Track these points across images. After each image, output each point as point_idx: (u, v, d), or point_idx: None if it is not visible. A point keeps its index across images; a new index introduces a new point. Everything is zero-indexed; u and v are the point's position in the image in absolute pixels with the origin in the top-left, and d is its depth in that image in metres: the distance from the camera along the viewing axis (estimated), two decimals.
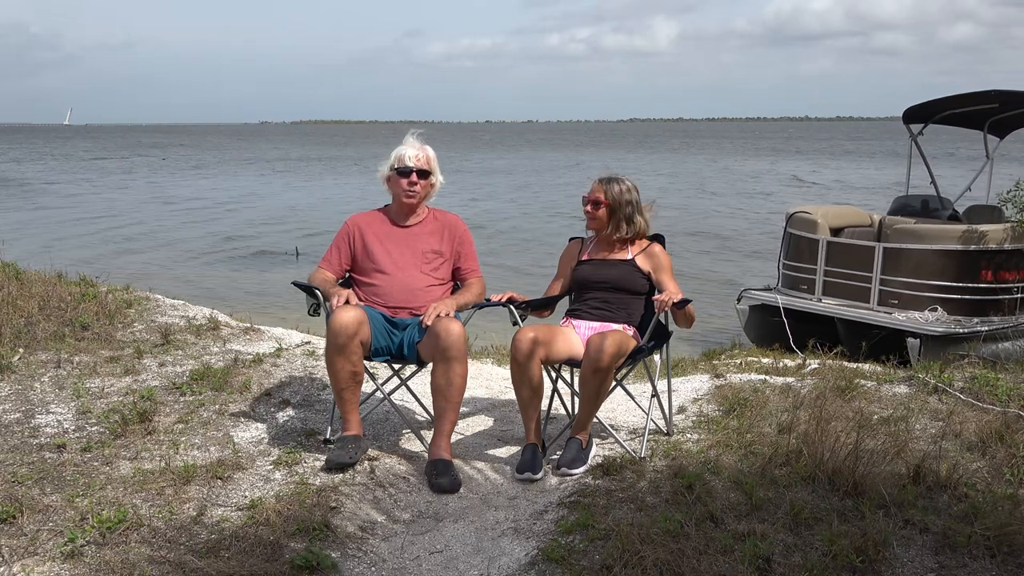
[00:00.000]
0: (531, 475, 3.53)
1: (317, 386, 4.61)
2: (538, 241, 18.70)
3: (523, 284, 9.65)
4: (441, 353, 3.56)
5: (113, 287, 6.24)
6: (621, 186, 3.94)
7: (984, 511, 2.94)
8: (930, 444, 3.66)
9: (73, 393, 4.22)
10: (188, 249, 17.76)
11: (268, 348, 5.17)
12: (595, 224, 3.99)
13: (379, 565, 2.86)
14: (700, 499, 3.10)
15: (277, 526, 2.94)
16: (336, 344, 3.52)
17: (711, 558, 2.69)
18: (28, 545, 2.79)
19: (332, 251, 3.97)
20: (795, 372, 5.33)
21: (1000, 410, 4.07)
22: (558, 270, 4.16)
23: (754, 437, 3.82)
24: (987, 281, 7.71)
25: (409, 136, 4.02)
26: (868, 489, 3.09)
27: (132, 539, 2.83)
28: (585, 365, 3.57)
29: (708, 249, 17.62)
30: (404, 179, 3.90)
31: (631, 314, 3.92)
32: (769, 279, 9.77)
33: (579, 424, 3.71)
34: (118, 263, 14.75)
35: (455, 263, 4.02)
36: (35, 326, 5.07)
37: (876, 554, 2.68)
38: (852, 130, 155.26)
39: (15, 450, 3.56)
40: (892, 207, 9.25)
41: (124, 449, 3.62)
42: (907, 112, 9.28)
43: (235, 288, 13.46)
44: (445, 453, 3.58)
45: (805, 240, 8.66)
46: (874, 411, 4.18)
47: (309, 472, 3.52)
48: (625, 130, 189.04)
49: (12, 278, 5.98)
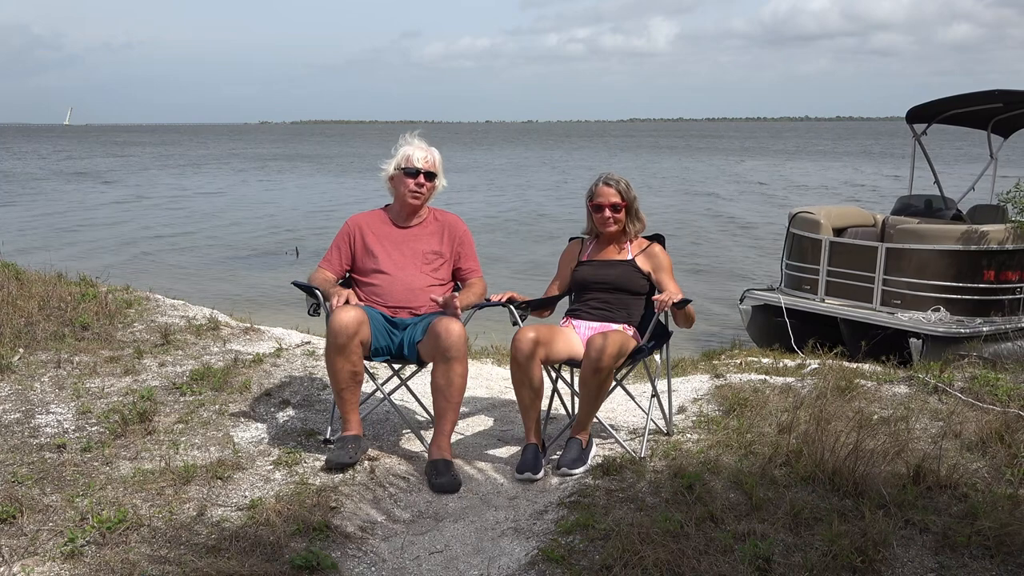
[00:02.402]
0: (531, 475, 3.53)
1: (317, 386, 4.61)
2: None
3: (523, 284, 9.65)
4: (441, 353, 3.56)
5: (113, 287, 6.24)
6: (625, 183, 3.93)
7: (984, 511, 2.93)
8: (930, 444, 3.66)
9: (73, 393, 4.22)
10: (188, 250, 17.76)
11: (268, 348, 5.18)
12: (616, 227, 3.95)
13: (379, 565, 2.86)
14: (700, 499, 3.09)
15: (277, 526, 2.94)
16: (336, 344, 3.52)
17: (711, 558, 2.68)
18: (28, 545, 2.79)
19: (332, 251, 3.97)
20: (795, 372, 5.33)
21: (1000, 410, 4.07)
22: (558, 270, 4.15)
23: (754, 437, 3.82)
24: (990, 281, 7.71)
25: (413, 137, 4.00)
26: (868, 489, 3.09)
27: (132, 539, 2.83)
28: (585, 365, 3.57)
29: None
30: (411, 179, 3.89)
31: (631, 314, 3.92)
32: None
33: (579, 424, 3.71)
34: (120, 263, 14.75)
35: (455, 263, 4.02)
36: (35, 326, 5.07)
37: (876, 554, 2.68)
38: (845, 130, 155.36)
39: (15, 450, 3.56)
40: (895, 207, 9.23)
41: (124, 449, 3.62)
42: (910, 112, 9.27)
43: (235, 288, 13.46)
44: (445, 453, 3.58)
45: (808, 240, 8.65)
46: (874, 411, 4.18)
47: (309, 472, 3.52)
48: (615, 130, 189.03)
49: (12, 278, 5.98)
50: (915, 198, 9.19)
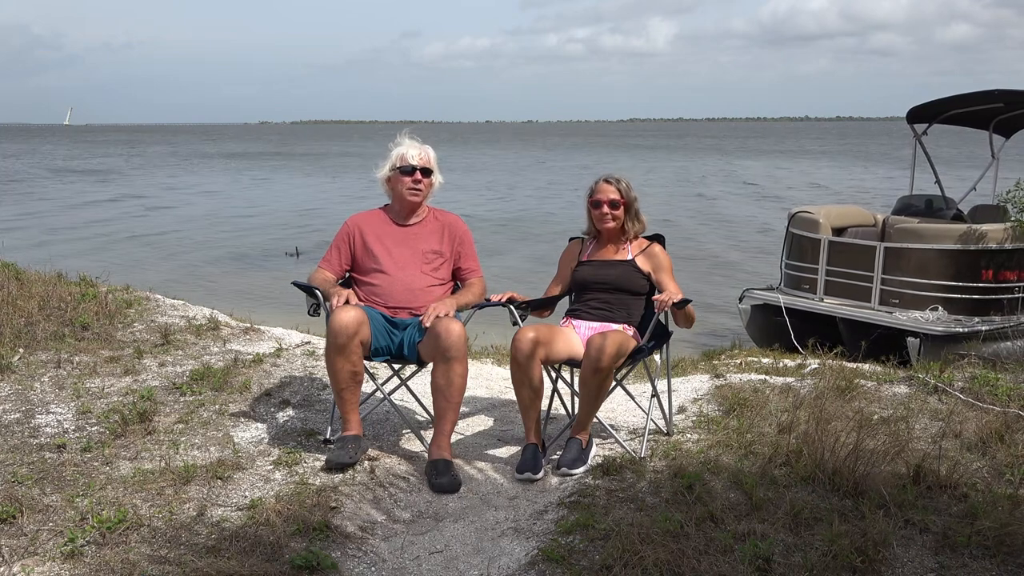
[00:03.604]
0: (531, 475, 3.53)
1: (317, 386, 4.61)
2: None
3: (523, 284, 9.65)
4: (441, 353, 3.56)
5: (113, 287, 6.24)
6: (626, 182, 3.94)
7: (984, 511, 2.93)
8: (930, 444, 3.66)
9: (73, 393, 4.22)
10: (189, 249, 17.75)
11: (268, 348, 5.18)
12: (614, 224, 3.95)
13: (379, 565, 2.86)
14: (700, 499, 3.09)
15: (277, 526, 2.94)
16: (336, 344, 3.52)
17: (711, 558, 2.68)
18: (28, 545, 2.79)
19: (332, 251, 3.97)
20: (795, 372, 5.33)
21: (1000, 410, 4.07)
22: (558, 270, 4.15)
23: (754, 437, 3.82)
24: (988, 280, 7.71)
25: (404, 136, 4.00)
26: (868, 489, 3.09)
27: (132, 539, 2.83)
28: (585, 365, 3.57)
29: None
30: (408, 177, 3.90)
31: (631, 314, 3.92)
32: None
33: (579, 424, 3.71)
34: (123, 263, 14.75)
35: (455, 263, 4.02)
36: (35, 326, 5.07)
37: (876, 554, 2.68)
38: (844, 130, 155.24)
39: (15, 450, 3.56)
40: (896, 207, 9.24)
41: (124, 449, 3.62)
42: (911, 112, 9.27)
43: (235, 288, 13.45)
44: (445, 453, 3.58)
45: (807, 240, 8.66)
46: (874, 411, 4.18)
47: (309, 472, 3.52)
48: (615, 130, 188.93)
49: (12, 278, 5.98)
50: (916, 198, 9.20)
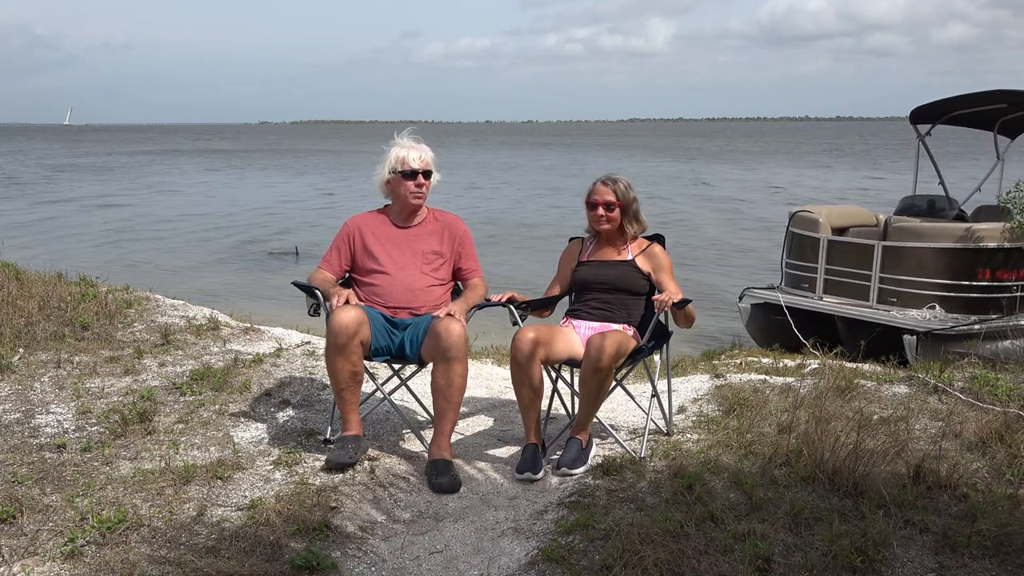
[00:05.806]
0: (531, 475, 3.53)
1: (317, 386, 4.61)
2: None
3: (523, 284, 9.65)
4: (441, 353, 3.56)
5: (113, 287, 6.24)
6: (624, 184, 3.93)
7: (984, 511, 2.93)
8: (930, 444, 3.66)
9: (73, 393, 4.22)
10: (188, 248, 17.75)
11: (268, 348, 5.18)
12: (609, 225, 3.95)
13: (379, 565, 2.86)
14: (700, 499, 3.09)
15: (277, 526, 2.94)
16: (336, 344, 3.52)
17: (711, 558, 2.69)
18: (28, 545, 2.79)
19: (332, 252, 3.97)
20: (795, 372, 5.33)
21: (1000, 410, 4.07)
22: (558, 270, 4.15)
23: (754, 437, 3.82)
24: (985, 280, 7.71)
25: (402, 137, 3.98)
26: (868, 489, 3.09)
27: (132, 539, 2.83)
28: (585, 365, 3.57)
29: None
30: (410, 181, 3.89)
31: (631, 314, 3.92)
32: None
33: (579, 424, 3.71)
34: (120, 263, 14.74)
35: (455, 263, 4.02)
36: (35, 326, 5.07)
37: (876, 554, 2.68)
38: (843, 130, 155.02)
39: (15, 450, 3.56)
40: (899, 207, 9.24)
41: (124, 449, 3.62)
42: (914, 112, 9.27)
43: (235, 288, 13.45)
44: (445, 453, 3.58)
45: (807, 239, 8.66)
46: (874, 411, 4.18)
47: (309, 472, 3.52)
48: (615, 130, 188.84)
49: (12, 278, 5.98)
50: (919, 198, 9.20)
